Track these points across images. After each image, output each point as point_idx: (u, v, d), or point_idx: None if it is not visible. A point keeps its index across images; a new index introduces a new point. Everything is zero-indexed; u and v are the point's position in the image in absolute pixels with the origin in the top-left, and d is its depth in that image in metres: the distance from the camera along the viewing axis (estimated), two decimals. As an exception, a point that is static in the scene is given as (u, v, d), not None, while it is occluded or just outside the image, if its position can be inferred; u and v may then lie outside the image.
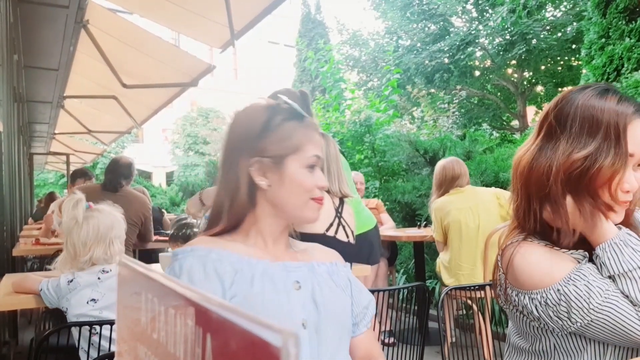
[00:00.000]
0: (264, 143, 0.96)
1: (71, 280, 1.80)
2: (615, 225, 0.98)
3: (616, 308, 0.90)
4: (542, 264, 0.96)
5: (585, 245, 0.98)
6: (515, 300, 0.99)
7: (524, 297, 0.97)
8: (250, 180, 0.97)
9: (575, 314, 0.91)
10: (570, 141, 0.95)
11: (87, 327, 1.73)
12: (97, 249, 1.85)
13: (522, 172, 1.00)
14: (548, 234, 0.99)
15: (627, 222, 1.01)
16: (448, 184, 3.18)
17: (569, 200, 0.95)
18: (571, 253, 0.97)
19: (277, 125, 0.96)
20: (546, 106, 1.04)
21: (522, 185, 1.01)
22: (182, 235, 2.33)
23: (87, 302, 1.78)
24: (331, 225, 1.81)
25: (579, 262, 0.95)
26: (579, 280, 0.92)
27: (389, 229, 4.26)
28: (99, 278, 1.82)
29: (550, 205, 0.96)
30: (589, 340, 0.95)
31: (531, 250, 0.98)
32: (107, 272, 1.86)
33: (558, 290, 0.93)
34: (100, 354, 1.69)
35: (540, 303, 0.94)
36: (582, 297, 0.91)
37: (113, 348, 1.56)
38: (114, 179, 3.16)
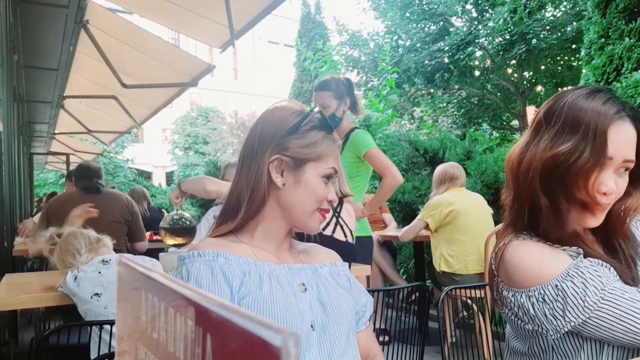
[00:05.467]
0: (289, 143, 0.98)
1: (76, 277, 1.82)
2: (595, 227, 0.98)
3: (614, 306, 0.88)
4: (536, 260, 0.96)
5: (578, 243, 0.98)
6: (511, 302, 0.98)
7: (521, 296, 0.96)
8: (268, 176, 0.98)
9: (569, 312, 0.90)
10: (551, 137, 0.96)
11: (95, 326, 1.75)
12: (90, 253, 1.92)
13: (512, 168, 1.02)
14: (535, 229, 1.00)
15: (621, 233, 1.01)
16: (450, 181, 3.41)
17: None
18: (564, 249, 0.97)
19: (306, 131, 0.99)
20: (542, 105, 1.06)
21: (511, 180, 1.03)
22: (172, 224, 2.33)
23: (91, 297, 1.79)
24: (328, 224, 1.80)
25: (574, 259, 0.95)
26: (576, 277, 0.91)
27: (391, 229, 4.26)
28: (99, 272, 1.83)
29: (532, 200, 0.98)
30: (585, 339, 0.94)
31: (524, 247, 0.98)
32: (107, 262, 1.87)
33: (556, 285, 0.92)
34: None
35: (537, 300, 0.93)
36: (578, 294, 0.90)
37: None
38: (92, 183, 3.11)
